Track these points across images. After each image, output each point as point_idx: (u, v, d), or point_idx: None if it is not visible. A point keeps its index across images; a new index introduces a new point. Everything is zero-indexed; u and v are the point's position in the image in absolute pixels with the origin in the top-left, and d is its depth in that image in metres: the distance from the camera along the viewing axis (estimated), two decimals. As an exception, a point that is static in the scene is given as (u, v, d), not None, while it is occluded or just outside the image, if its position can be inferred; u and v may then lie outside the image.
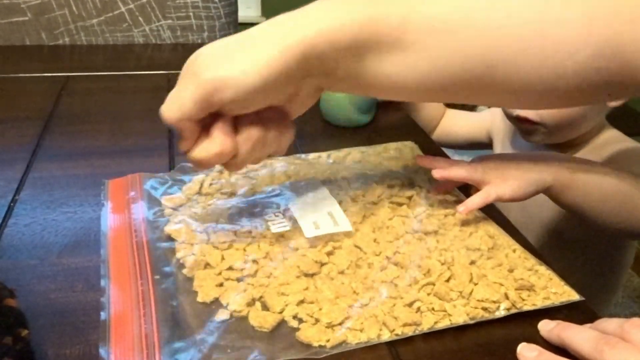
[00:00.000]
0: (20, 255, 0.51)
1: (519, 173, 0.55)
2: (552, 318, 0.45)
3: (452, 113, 1.01)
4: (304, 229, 0.52)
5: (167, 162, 0.68)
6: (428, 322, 0.44)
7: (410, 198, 0.58)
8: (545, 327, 0.44)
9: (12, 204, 0.58)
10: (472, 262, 0.49)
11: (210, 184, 0.59)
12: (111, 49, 1.12)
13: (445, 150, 0.78)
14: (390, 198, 0.58)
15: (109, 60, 1.06)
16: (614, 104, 0.76)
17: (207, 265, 0.48)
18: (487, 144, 0.98)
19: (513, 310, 0.46)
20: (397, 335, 0.43)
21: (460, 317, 0.44)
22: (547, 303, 0.46)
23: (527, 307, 0.46)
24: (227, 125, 0.43)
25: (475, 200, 0.55)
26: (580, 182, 0.57)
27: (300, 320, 0.43)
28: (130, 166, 0.66)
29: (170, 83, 0.91)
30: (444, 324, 0.44)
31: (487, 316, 0.45)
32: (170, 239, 0.51)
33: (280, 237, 0.52)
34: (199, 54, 0.42)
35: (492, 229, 0.55)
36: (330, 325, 0.43)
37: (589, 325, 0.44)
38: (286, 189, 0.59)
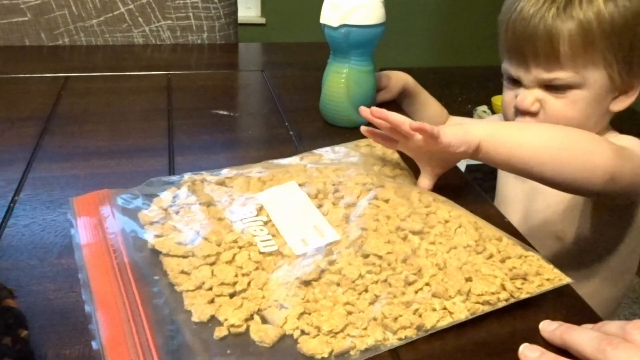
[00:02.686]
0: (20, 255, 0.51)
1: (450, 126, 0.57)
2: (552, 318, 0.45)
3: (456, 120, 1.00)
4: (293, 247, 0.51)
5: (167, 162, 0.68)
6: (430, 322, 0.44)
7: (388, 200, 0.58)
8: (547, 327, 0.44)
9: (11, 204, 0.58)
10: (465, 263, 0.49)
11: (186, 196, 0.57)
12: (111, 50, 1.13)
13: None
14: (368, 198, 0.57)
15: (109, 60, 1.06)
16: (616, 108, 0.74)
17: (196, 281, 0.46)
18: None
19: (511, 300, 0.46)
20: (400, 339, 0.43)
21: (461, 313, 0.45)
22: (542, 289, 0.47)
23: (524, 296, 0.46)
24: None
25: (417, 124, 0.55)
26: (508, 133, 0.58)
27: (302, 332, 0.43)
28: (130, 166, 0.66)
29: (170, 83, 0.92)
30: (446, 322, 0.44)
31: (488, 309, 0.45)
32: (152, 255, 0.49)
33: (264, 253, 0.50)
34: None
35: (474, 220, 0.55)
36: (332, 333, 0.42)
37: (590, 326, 0.44)
38: (265, 197, 0.57)
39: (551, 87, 0.71)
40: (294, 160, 0.66)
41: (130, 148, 0.72)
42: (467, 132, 0.57)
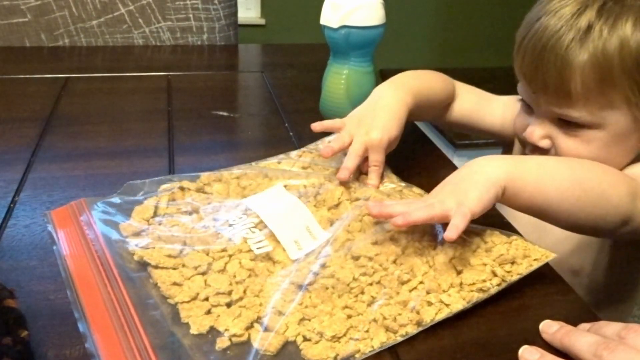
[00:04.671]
0: (20, 256, 0.51)
1: (472, 184, 0.50)
2: (552, 318, 0.45)
3: (482, 95, 0.79)
4: (288, 251, 0.50)
5: (167, 163, 0.68)
6: (429, 316, 0.44)
7: (369, 198, 0.57)
8: (548, 330, 0.44)
9: (12, 205, 0.58)
10: (453, 257, 0.49)
11: (168, 205, 0.56)
12: (111, 50, 1.13)
13: (445, 150, 0.77)
14: (350, 198, 0.57)
15: (109, 61, 1.06)
16: None
17: (190, 292, 0.45)
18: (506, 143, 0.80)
19: (504, 285, 0.47)
20: (403, 336, 0.43)
21: (458, 303, 0.45)
22: (531, 269, 0.48)
23: (515, 278, 0.48)
24: None
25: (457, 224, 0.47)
26: (533, 175, 0.52)
27: (304, 338, 0.43)
28: (130, 167, 0.66)
29: (170, 84, 0.92)
30: (444, 313, 0.44)
31: (483, 296, 0.46)
32: (140, 267, 0.48)
33: (264, 256, 0.50)
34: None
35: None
36: (335, 338, 0.42)
37: (588, 326, 0.44)
38: (252, 202, 0.57)
39: (563, 122, 0.62)
40: (271, 163, 0.65)
41: (131, 149, 0.72)
42: (488, 188, 0.49)
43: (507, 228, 0.56)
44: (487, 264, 0.48)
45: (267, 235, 0.52)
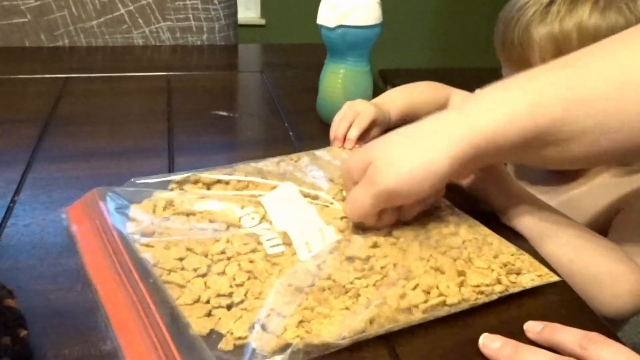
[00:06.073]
0: (20, 255, 0.51)
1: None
2: (551, 317, 0.45)
3: (460, 96, 0.80)
4: (298, 251, 0.50)
5: (167, 163, 0.68)
6: (420, 299, 0.45)
7: None
8: (533, 329, 0.44)
9: (11, 205, 0.58)
10: (457, 259, 0.49)
11: (170, 204, 0.56)
12: (110, 51, 1.13)
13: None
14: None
15: (109, 61, 1.06)
16: None
17: (192, 295, 0.46)
18: None
19: (505, 293, 0.47)
20: (397, 323, 0.43)
21: (455, 297, 0.45)
22: (534, 284, 0.48)
23: (516, 289, 0.47)
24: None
25: None
26: (534, 222, 0.56)
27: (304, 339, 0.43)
28: (129, 167, 0.66)
29: (169, 84, 0.92)
30: (437, 301, 0.45)
31: (482, 299, 0.46)
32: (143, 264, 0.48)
33: (267, 257, 0.50)
34: (374, 159, 0.48)
35: (460, 221, 0.55)
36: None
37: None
38: (266, 200, 0.57)
39: None
40: (270, 162, 0.65)
41: (130, 149, 0.72)
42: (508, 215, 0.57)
43: (516, 242, 0.55)
44: (495, 269, 0.48)
45: (280, 234, 0.52)
